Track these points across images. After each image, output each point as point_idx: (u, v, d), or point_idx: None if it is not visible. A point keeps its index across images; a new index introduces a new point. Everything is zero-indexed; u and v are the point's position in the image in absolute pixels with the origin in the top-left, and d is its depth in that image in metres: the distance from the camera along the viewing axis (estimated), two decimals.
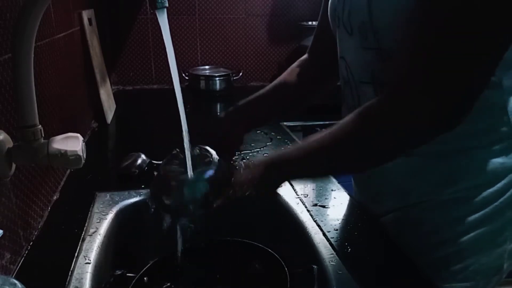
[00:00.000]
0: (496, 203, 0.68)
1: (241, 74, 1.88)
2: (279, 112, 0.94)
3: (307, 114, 1.54)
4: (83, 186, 0.94)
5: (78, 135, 0.60)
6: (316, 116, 1.54)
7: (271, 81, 0.92)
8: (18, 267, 0.66)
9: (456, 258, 0.70)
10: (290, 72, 0.90)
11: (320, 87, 0.92)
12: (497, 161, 0.67)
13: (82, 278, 0.64)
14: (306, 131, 1.54)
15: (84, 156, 0.61)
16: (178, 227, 0.65)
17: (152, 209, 0.64)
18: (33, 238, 0.73)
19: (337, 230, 0.77)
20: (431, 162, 0.69)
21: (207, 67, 1.93)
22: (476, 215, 0.68)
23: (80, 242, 0.72)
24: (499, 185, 0.67)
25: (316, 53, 0.90)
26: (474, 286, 0.70)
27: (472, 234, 0.68)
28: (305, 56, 0.92)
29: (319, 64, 0.88)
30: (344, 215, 0.82)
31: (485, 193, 0.67)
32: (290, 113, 1.10)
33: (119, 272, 0.66)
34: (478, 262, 0.69)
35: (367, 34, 0.64)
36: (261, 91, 0.87)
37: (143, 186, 0.91)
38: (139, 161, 0.99)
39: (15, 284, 0.46)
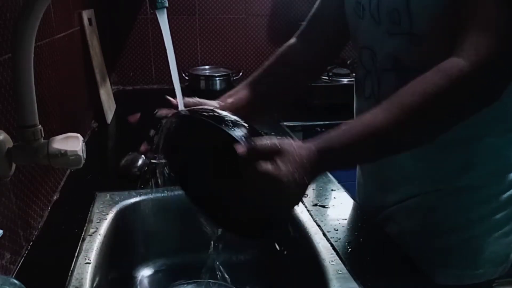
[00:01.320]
0: (508, 193, 0.69)
1: (241, 74, 1.87)
2: (273, 97, 0.85)
3: (307, 114, 1.55)
4: (83, 186, 0.94)
5: (78, 135, 0.60)
6: (316, 116, 1.54)
7: None
8: (18, 267, 0.66)
9: (468, 244, 0.71)
10: (279, 56, 0.85)
11: (311, 72, 0.90)
12: None
13: (82, 278, 0.64)
14: (306, 131, 1.54)
15: (84, 156, 0.60)
16: None
17: None
18: (33, 238, 0.73)
19: (337, 230, 0.77)
20: (447, 149, 0.69)
21: (207, 67, 1.93)
22: (491, 203, 0.69)
23: (80, 242, 0.72)
24: None
25: (308, 38, 0.86)
26: (482, 274, 0.72)
27: (486, 221, 0.69)
28: (292, 40, 0.87)
29: (311, 49, 0.86)
30: (344, 215, 0.82)
31: (499, 181, 0.69)
32: (281, 100, 0.92)
33: None
34: (489, 249, 0.71)
35: (400, 20, 0.65)
36: (250, 78, 0.82)
37: (143, 186, 0.91)
38: (139, 161, 0.99)
39: (15, 284, 0.46)
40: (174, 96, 0.68)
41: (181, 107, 0.68)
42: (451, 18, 0.59)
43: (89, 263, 0.67)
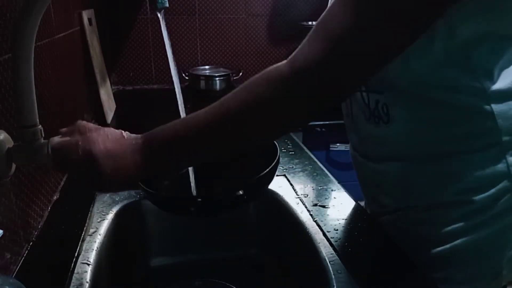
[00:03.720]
0: (493, 208, 0.67)
1: (241, 74, 1.88)
2: None
3: None
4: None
5: None
6: None
7: None
8: (18, 267, 0.66)
9: (455, 259, 0.70)
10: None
11: None
12: (491, 166, 0.66)
13: (82, 278, 0.64)
14: (306, 131, 1.54)
15: None
16: None
17: None
18: (33, 238, 0.73)
19: (337, 230, 0.77)
20: (422, 166, 0.68)
21: (207, 67, 1.93)
22: (473, 219, 0.68)
23: (80, 242, 0.72)
24: (493, 190, 0.66)
25: None
26: None
27: (470, 237, 0.68)
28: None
29: None
30: (344, 215, 0.82)
31: (480, 198, 0.67)
32: None
33: None
34: (477, 265, 0.69)
35: None
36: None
37: None
38: None
39: (15, 284, 0.46)
40: (174, 96, 0.68)
41: (181, 107, 0.68)
42: None
43: (89, 264, 0.67)
